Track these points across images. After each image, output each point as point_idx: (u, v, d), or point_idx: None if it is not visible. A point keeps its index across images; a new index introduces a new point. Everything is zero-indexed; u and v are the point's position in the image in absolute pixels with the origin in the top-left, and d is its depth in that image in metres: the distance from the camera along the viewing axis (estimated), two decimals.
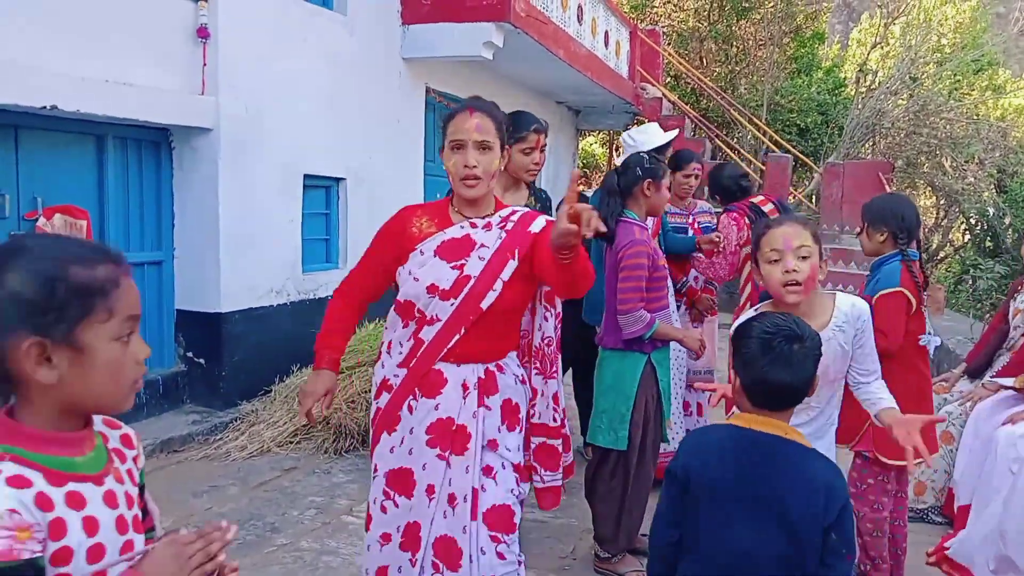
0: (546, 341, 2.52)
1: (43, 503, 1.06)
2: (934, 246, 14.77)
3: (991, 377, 3.96)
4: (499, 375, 2.25)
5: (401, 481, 2.23)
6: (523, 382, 2.37)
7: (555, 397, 2.53)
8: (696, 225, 4.63)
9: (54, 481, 1.09)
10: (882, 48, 16.70)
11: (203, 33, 5.08)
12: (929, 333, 3.05)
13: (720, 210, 4.50)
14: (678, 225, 4.62)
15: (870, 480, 3.02)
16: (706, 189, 4.86)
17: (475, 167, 2.16)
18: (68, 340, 1.08)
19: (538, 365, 2.49)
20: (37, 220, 4.47)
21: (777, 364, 1.70)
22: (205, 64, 5.14)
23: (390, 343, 2.31)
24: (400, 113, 7.34)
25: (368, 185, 6.84)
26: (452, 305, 2.15)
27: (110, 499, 1.17)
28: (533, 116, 3.25)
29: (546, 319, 2.51)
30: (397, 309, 2.28)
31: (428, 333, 2.19)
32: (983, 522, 3.09)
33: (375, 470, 2.30)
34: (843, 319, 2.25)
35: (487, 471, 2.21)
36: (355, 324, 2.38)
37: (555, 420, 2.52)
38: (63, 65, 4.30)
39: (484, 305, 2.15)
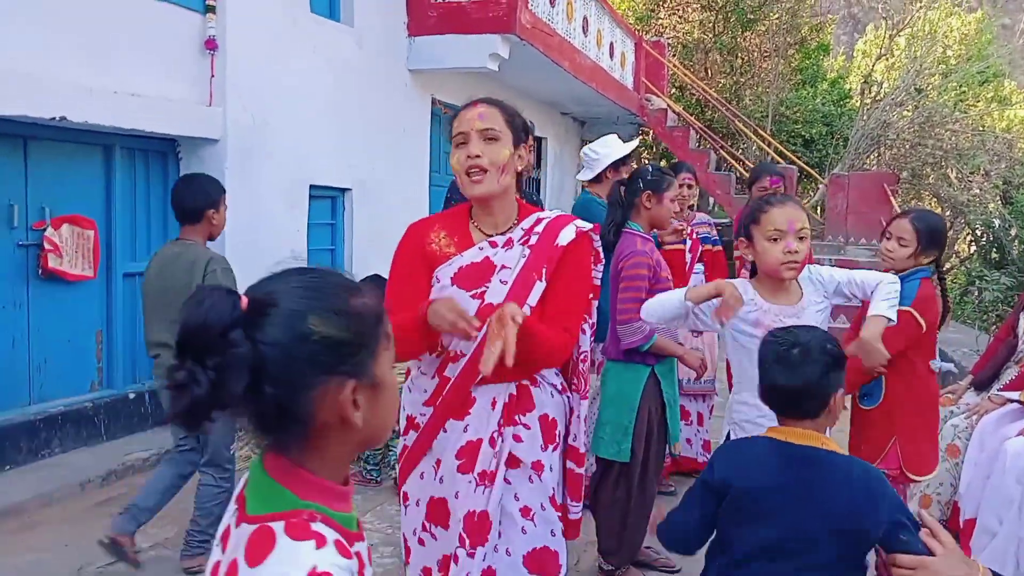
0: (582, 356, 2.21)
1: (360, 571, 0.98)
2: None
3: (998, 390, 3.95)
4: (534, 389, 2.06)
5: (438, 512, 2.06)
6: (562, 391, 2.15)
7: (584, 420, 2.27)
8: (695, 236, 4.63)
9: (351, 541, 0.98)
10: (887, 60, 16.73)
11: (211, 44, 5.12)
12: (939, 359, 3.05)
13: (725, 221, 4.53)
14: (707, 235, 4.65)
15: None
16: (711, 200, 4.89)
17: (479, 156, 1.92)
18: (369, 376, 1.00)
19: (575, 382, 2.21)
20: (45, 230, 4.49)
21: (780, 367, 1.77)
22: (213, 75, 5.17)
23: (412, 373, 2.15)
24: (406, 124, 7.37)
25: (374, 196, 6.86)
26: (476, 339, 1.94)
27: (369, 553, 1.07)
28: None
29: (583, 331, 2.17)
30: None
31: (453, 370, 2.00)
32: (1004, 537, 3.10)
33: (405, 499, 2.14)
34: (810, 288, 2.40)
35: (525, 512, 2.03)
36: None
37: (584, 446, 2.26)
38: (72, 76, 4.34)
39: None
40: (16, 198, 4.44)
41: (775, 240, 2.27)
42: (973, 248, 14.74)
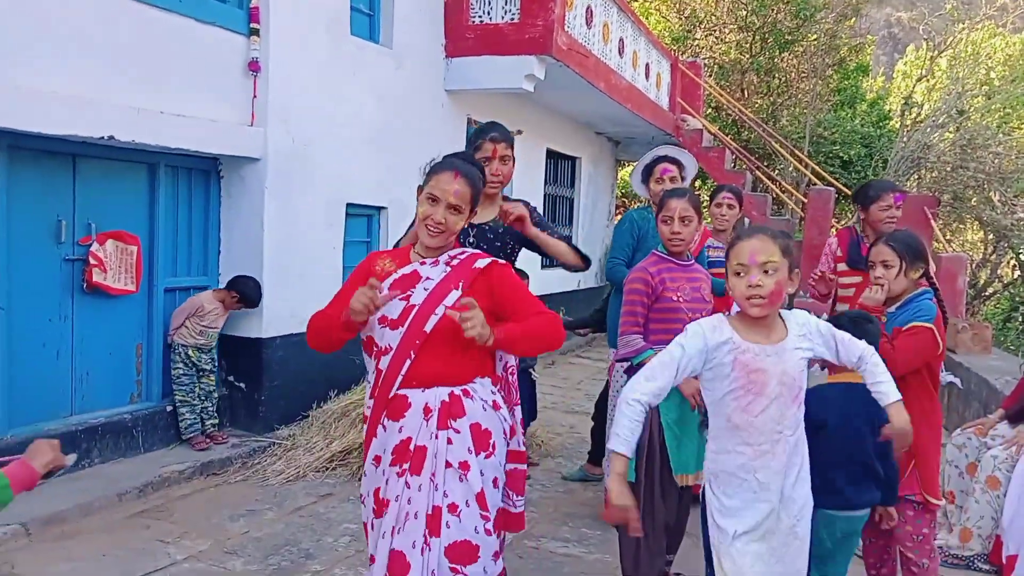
0: (509, 370, 2.63)
1: None
2: (982, 282, 14.42)
3: None
4: (465, 399, 2.37)
5: (376, 502, 2.40)
6: (496, 408, 2.44)
7: (521, 423, 2.66)
8: None
9: None
10: (928, 81, 16.51)
11: (254, 66, 5.25)
12: (945, 371, 3.03)
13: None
14: (719, 259, 4.58)
15: (925, 530, 2.94)
16: (747, 221, 4.84)
17: (442, 223, 2.37)
18: None
19: (503, 395, 2.55)
20: (91, 245, 4.62)
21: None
22: (255, 96, 5.29)
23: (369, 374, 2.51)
24: (442, 144, 7.42)
25: (409, 214, 6.91)
26: (400, 332, 2.35)
27: None
28: (497, 125, 3.24)
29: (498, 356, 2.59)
30: (364, 347, 2.48)
31: (384, 362, 2.38)
32: None
33: (362, 497, 2.51)
34: (799, 331, 2.29)
35: (452, 508, 2.31)
36: None
37: (522, 446, 2.63)
38: (121, 98, 4.47)
39: (427, 328, 2.32)
40: (64, 214, 4.57)
41: (739, 274, 2.21)
42: (1017, 273, 14.41)
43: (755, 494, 2.23)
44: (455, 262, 2.45)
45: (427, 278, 2.40)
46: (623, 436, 2.19)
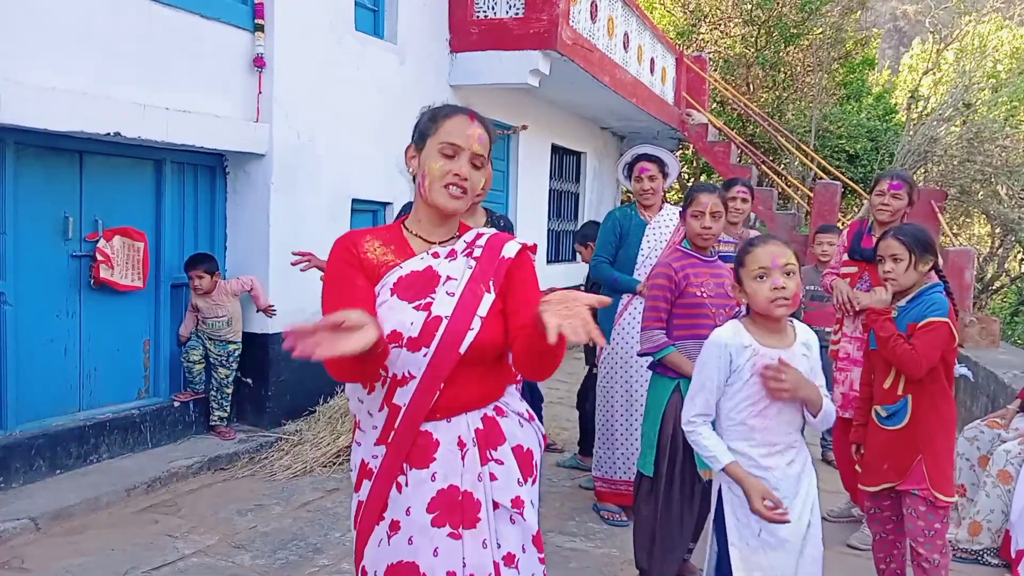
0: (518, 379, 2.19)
1: None
2: (989, 276, 14.37)
3: None
4: (501, 419, 1.88)
5: None
6: (530, 419, 1.98)
7: None
8: None
9: None
10: (934, 74, 16.44)
11: (259, 62, 5.24)
12: (958, 364, 3.02)
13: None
14: (728, 254, 4.57)
15: (937, 525, 2.92)
16: (752, 216, 4.83)
17: (466, 179, 1.84)
18: None
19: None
20: (98, 241, 4.63)
21: None
22: (260, 92, 5.29)
23: (359, 418, 1.91)
24: None
25: None
26: (425, 356, 1.76)
27: None
28: None
29: None
30: None
31: (403, 396, 1.78)
32: None
33: (363, 574, 1.85)
34: (804, 339, 2.37)
35: (509, 560, 1.81)
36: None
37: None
38: (126, 94, 4.47)
39: (463, 349, 1.77)
40: (71, 210, 4.58)
41: (761, 279, 2.28)
42: None
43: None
44: (477, 252, 1.87)
45: (448, 278, 1.82)
46: (712, 450, 2.30)
